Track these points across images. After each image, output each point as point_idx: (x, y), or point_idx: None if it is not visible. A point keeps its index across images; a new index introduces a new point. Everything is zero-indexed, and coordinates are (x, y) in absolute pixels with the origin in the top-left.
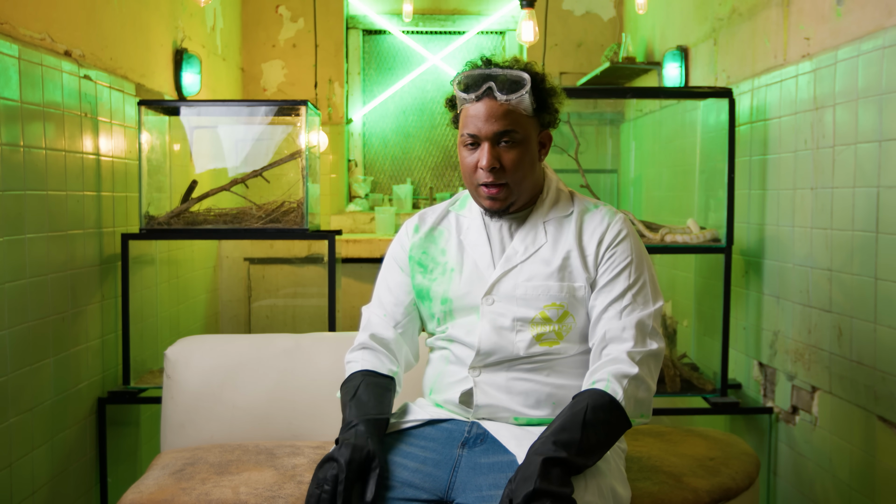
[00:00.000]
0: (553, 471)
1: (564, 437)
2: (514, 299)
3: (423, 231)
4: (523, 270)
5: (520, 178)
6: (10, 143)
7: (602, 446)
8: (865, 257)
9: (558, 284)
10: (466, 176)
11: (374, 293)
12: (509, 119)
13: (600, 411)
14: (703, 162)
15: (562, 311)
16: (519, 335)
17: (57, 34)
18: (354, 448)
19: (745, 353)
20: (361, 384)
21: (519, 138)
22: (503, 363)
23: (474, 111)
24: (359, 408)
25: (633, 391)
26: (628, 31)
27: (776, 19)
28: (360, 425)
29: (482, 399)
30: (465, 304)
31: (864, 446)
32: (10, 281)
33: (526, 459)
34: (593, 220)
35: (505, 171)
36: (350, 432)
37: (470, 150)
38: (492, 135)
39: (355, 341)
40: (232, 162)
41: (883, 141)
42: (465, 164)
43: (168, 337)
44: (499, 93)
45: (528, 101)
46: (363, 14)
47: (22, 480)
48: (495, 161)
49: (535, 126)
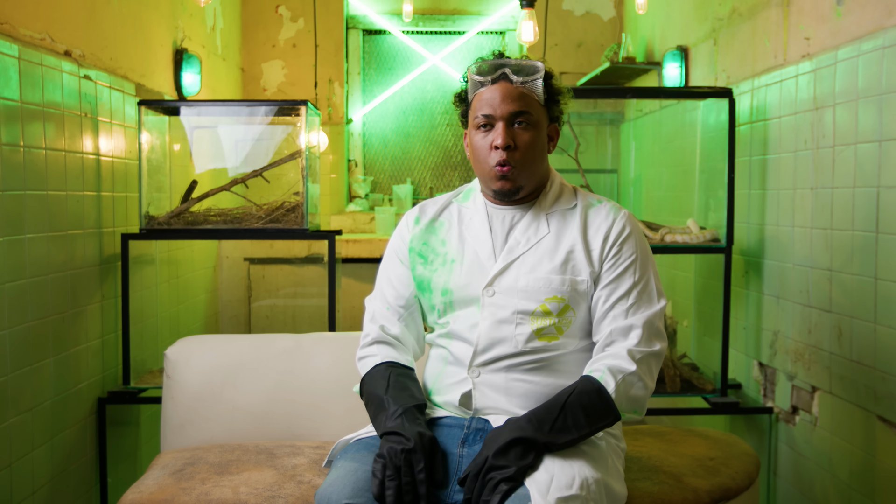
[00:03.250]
0: (513, 449)
1: (540, 414)
2: (516, 291)
3: (424, 222)
4: (525, 262)
5: (531, 160)
6: (10, 143)
7: (579, 427)
8: (865, 257)
9: (560, 277)
10: (480, 159)
11: (376, 284)
12: (524, 101)
13: (584, 395)
14: (703, 162)
15: (563, 304)
16: (519, 328)
17: (57, 34)
18: (421, 435)
19: (745, 353)
20: (391, 374)
21: (533, 121)
22: (502, 361)
23: (489, 94)
24: (400, 396)
25: (626, 387)
26: (628, 31)
27: (776, 19)
28: (410, 412)
29: (481, 401)
30: (466, 296)
31: (864, 446)
32: (10, 281)
33: (493, 432)
34: (598, 216)
35: (519, 150)
36: (399, 421)
37: (484, 133)
38: (507, 115)
39: (364, 333)
40: (232, 162)
41: (883, 141)
42: (478, 147)
43: (168, 337)
44: (514, 76)
45: (540, 88)
46: (363, 14)
47: (22, 480)
48: (510, 140)
49: (545, 116)
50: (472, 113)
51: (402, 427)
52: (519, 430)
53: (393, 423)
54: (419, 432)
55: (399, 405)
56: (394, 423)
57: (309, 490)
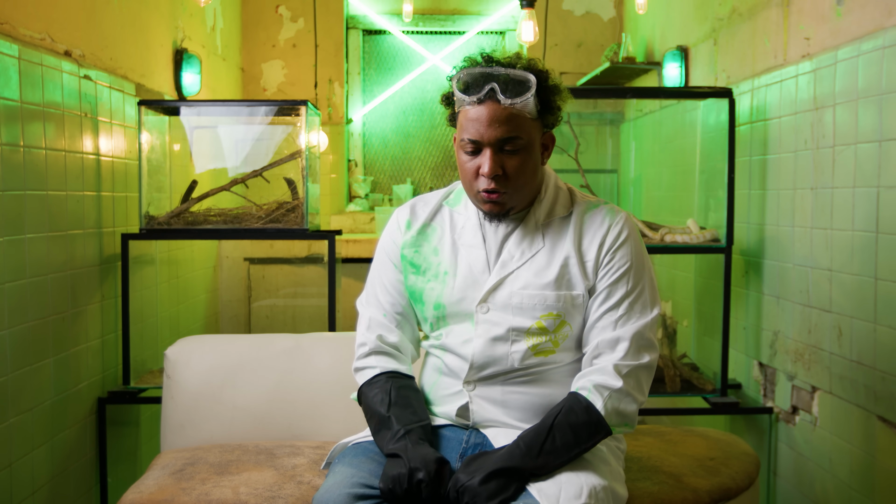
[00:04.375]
0: (494, 480)
1: (528, 438)
2: (510, 308)
3: (416, 227)
4: (519, 277)
5: (522, 184)
6: (10, 143)
7: (568, 448)
8: (865, 257)
9: (555, 294)
10: (466, 181)
11: (368, 286)
12: (513, 124)
13: (573, 414)
14: (703, 162)
15: (559, 320)
16: (514, 346)
17: (57, 34)
18: (425, 461)
19: (744, 353)
20: (392, 388)
21: (523, 144)
22: (498, 377)
23: (475, 114)
24: (403, 415)
25: (614, 403)
26: (628, 31)
27: (776, 19)
28: (414, 433)
29: (479, 414)
30: (459, 311)
31: (864, 446)
32: (10, 281)
33: (480, 457)
34: (593, 223)
35: (508, 178)
36: (403, 443)
37: (470, 156)
38: (495, 141)
39: (360, 342)
40: (232, 162)
41: (883, 141)
42: (464, 169)
43: (168, 337)
44: (502, 95)
45: (532, 105)
46: (363, 14)
47: (22, 480)
48: (498, 168)
49: (538, 129)
50: (458, 129)
51: (406, 450)
52: (507, 458)
53: (396, 444)
54: (424, 457)
55: (402, 425)
56: (397, 446)
57: (309, 490)
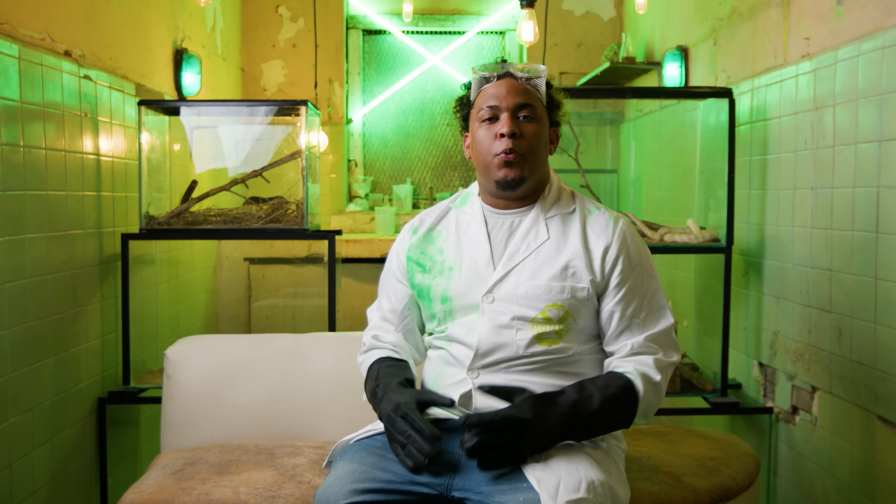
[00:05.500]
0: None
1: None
2: (516, 297)
3: (422, 232)
4: (525, 268)
5: (535, 151)
6: (10, 143)
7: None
8: (865, 257)
9: (560, 285)
10: (483, 151)
11: (378, 294)
12: (529, 96)
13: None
14: (703, 162)
15: (563, 311)
16: (519, 333)
17: (57, 34)
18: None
19: (745, 353)
20: (381, 367)
21: (537, 115)
22: (502, 364)
23: (494, 89)
24: (385, 380)
25: (649, 395)
26: (628, 31)
27: (776, 19)
28: (393, 388)
29: (481, 402)
30: (465, 303)
31: (864, 446)
32: (10, 281)
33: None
34: (598, 224)
35: (524, 139)
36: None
37: (488, 123)
38: (513, 105)
39: (361, 342)
40: (232, 162)
41: (883, 141)
42: (481, 139)
43: (168, 337)
44: (519, 73)
45: (543, 89)
46: (363, 14)
47: (22, 480)
48: (516, 128)
49: (546, 116)
50: (475, 109)
51: (388, 401)
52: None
53: (382, 405)
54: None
55: (385, 389)
56: (383, 405)
57: (309, 490)
